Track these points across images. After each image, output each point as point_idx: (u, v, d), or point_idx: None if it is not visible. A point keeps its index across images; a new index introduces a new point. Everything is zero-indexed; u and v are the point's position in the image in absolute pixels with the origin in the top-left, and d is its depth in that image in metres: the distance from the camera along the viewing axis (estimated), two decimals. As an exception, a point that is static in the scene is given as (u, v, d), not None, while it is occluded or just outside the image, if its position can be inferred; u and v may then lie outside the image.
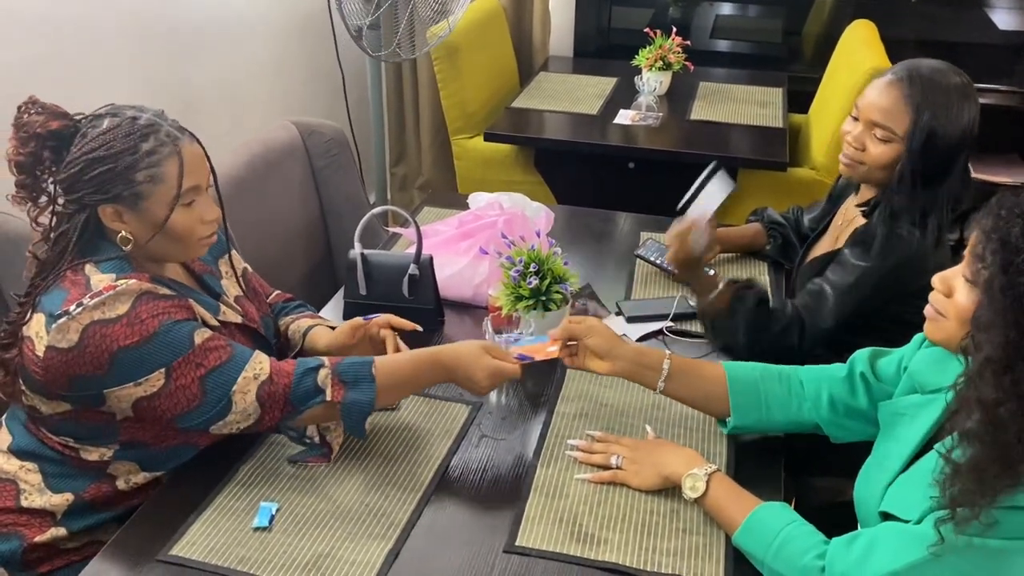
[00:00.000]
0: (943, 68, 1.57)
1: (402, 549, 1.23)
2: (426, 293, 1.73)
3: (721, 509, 1.24)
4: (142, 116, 1.26)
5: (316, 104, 3.41)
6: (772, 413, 1.38)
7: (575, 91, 3.25)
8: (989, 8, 3.69)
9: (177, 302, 1.27)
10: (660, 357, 1.39)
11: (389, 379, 1.33)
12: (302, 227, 2.25)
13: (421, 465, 1.39)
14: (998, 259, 0.98)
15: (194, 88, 2.68)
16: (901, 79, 1.55)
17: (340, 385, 1.30)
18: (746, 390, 1.38)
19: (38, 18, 2.09)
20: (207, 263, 1.48)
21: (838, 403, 1.36)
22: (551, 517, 1.29)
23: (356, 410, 1.31)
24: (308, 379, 1.30)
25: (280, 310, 1.66)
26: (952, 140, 1.53)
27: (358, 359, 1.34)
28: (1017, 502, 0.97)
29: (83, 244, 1.27)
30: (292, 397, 1.29)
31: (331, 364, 1.32)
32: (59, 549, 1.32)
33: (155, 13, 2.47)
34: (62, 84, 2.17)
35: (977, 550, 0.98)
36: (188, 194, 1.28)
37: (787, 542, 1.15)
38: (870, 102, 1.59)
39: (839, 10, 3.75)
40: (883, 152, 1.58)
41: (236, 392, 1.26)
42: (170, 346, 1.23)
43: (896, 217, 1.57)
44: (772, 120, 2.99)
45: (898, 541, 1.05)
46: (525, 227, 1.86)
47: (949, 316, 1.07)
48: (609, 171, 2.91)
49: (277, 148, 2.18)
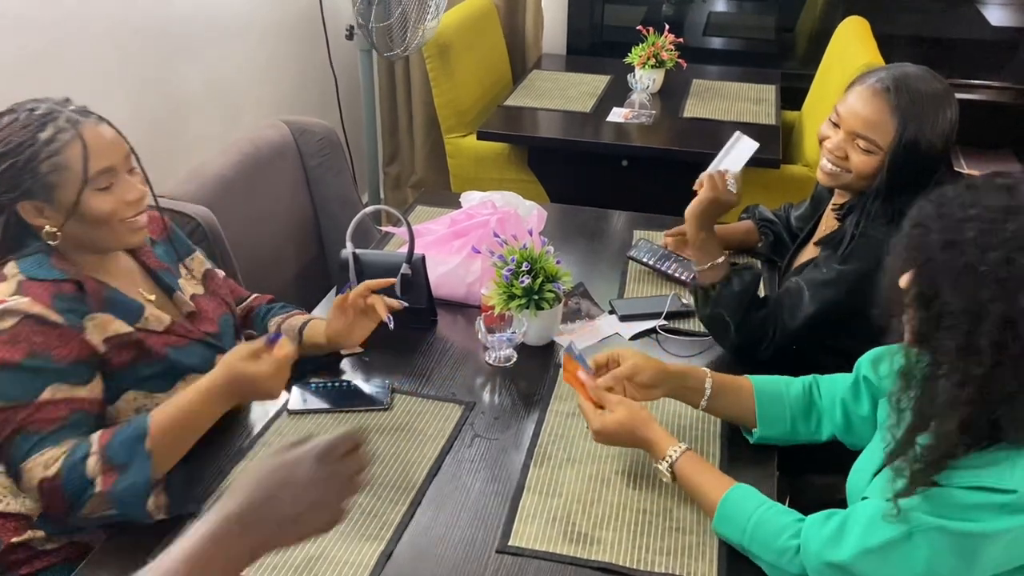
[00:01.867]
0: (925, 76, 1.53)
1: (395, 550, 1.22)
2: (419, 292, 1.73)
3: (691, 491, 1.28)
4: (40, 106, 1.24)
5: (308, 103, 3.40)
6: (796, 425, 1.40)
7: (568, 89, 3.25)
8: (981, 4, 3.70)
9: (61, 333, 1.23)
10: (702, 377, 1.39)
11: (168, 436, 1.24)
12: (294, 227, 2.24)
13: (414, 465, 1.38)
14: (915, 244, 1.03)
15: (185, 87, 2.66)
16: (887, 89, 1.51)
17: (111, 471, 1.20)
18: (772, 403, 1.40)
19: (28, 18, 2.08)
20: (164, 259, 1.47)
21: (849, 412, 1.38)
22: (544, 517, 1.28)
23: (130, 495, 1.20)
24: (76, 472, 1.19)
25: (266, 312, 1.65)
26: (935, 148, 1.51)
27: (130, 429, 1.23)
28: (983, 482, 0.99)
29: (9, 242, 1.26)
30: (66, 494, 1.19)
31: (101, 444, 1.22)
32: (38, 551, 1.31)
33: (146, 12, 2.45)
34: (52, 84, 2.16)
35: (947, 531, 1.00)
36: (101, 177, 1.25)
37: (761, 524, 1.17)
38: (854, 112, 1.55)
39: (832, 6, 3.75)
40: (865, 162, 1.55)
41: (24, 469, 1.21)
42: (13, 386, 1.20)
43: (869, 220, 1.56)
44: (765, 117, 2.99)
45: (871, 519, 1.07)
46: (517, 226, 1.86)
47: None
48: (602, 169, 2.91)
49: (268, 147, 2.17)
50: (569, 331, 1.74)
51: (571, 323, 1.77)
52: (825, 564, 1.09)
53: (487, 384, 1.60)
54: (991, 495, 0.98)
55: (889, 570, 1.05)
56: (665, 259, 1.94)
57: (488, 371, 1.63)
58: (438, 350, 1.69)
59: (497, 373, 1.62)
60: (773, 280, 1.95)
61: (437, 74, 3.07)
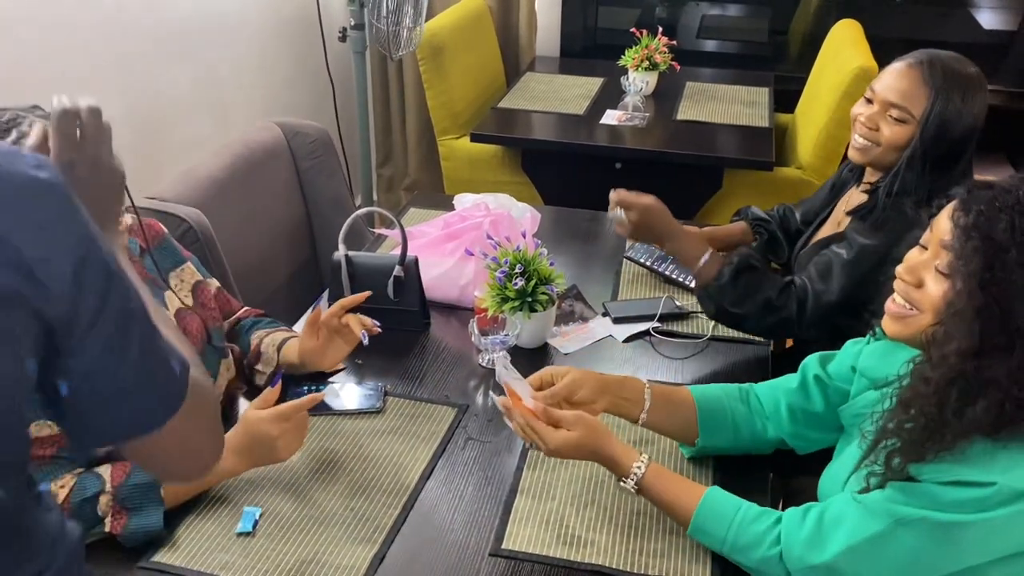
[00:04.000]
0: (960, 58, 1.59)
1: (387, 553, 1.22)
2: (412, 295, 1.72)
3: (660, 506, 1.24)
4: (5, 113, 1.19)
5: (301, 105, 3.39)
6: (740, 433, 1.36)
7: (561, 91, 3.25)
8: (974, 8, 3.71)
9: None
10: (640, 388, 1.34)
11: (181, 489, 1.25)
12: (286, 229, 2.23)
13: (406, 468, 1.37)
14: (980, 256, 0.98)
15: (178, 88, 2.66)
16: (921, 62, 1.57)
17: (122, 512, 1.20)
18: (713, 410, 1.35)
19: (21, 18, 2.07)
20: (152, 269, 1.41)
21: (797, 412, 1.36)
22: (537, 520, 1.28)
23: (141, 534, 1.20)
24: (86, 509, 1.19)
25: (252, 325, 1.62)
26: (964, 127, 1.54)
27: (146, 476, 1.22)
28: (962, 476, 0.99)
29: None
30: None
31: (114, 486, 1.21)
32: None
33: (139, 13, 2.45)
34: (46, 85, 2.15)
35: (930, 521, 1.01)
36: None
37: (739, 536, 1.15)
38: (887, 84, 1.60)
39: (825, 10, 3.76)
40: (897, 133, 1.58)
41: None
42: None
43: (901, 196, 1.57)
44: (758, 120, 3.00)
45: (851, 517, 1.07)
46: (511, 228, 1.85)
47: (924, 309, 1.07)
48: (596, 171, 2.90)
49: (261, 149, 2.16)
50: (562, 333, 1.74)
51: (565, 325, 1.77)
52: (809, 568, 1.09)
53: (480, 387, 1.59)
54: (971, 489, 0.99)
55: (873, 564, 1.06)
56: (662, 260, 1.94)
57: (481, 374, 1.62)
58: (431, 353, 1.68)
59: (490, 375, 1.62)
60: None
61: (430, 76, 3.07)
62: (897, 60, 1.62)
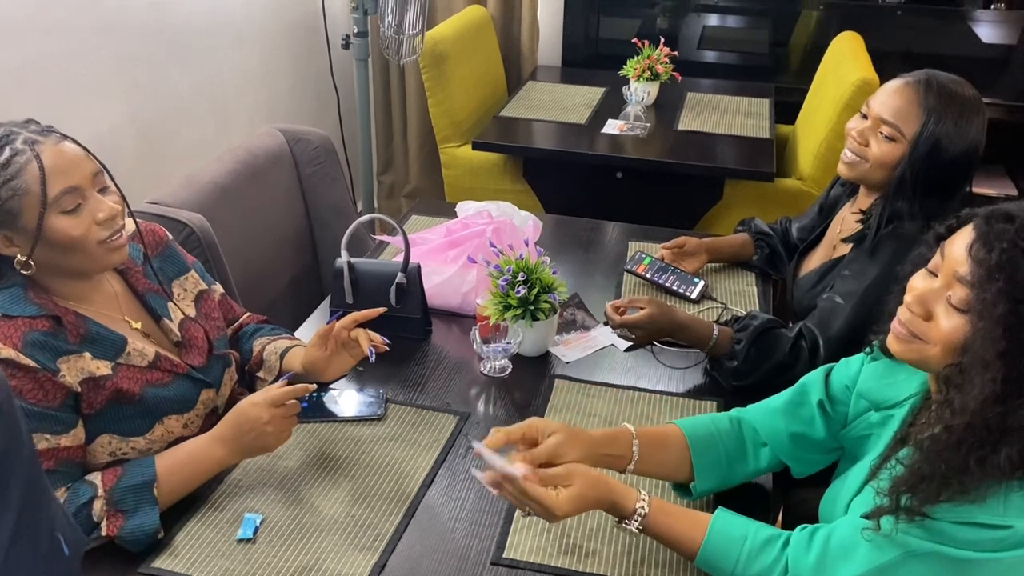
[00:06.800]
0: (960, 80, 1.57)
1: (388, 561, 1.21)
2: (414, 302, 1.72)
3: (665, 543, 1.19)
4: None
5: (305, 112, 3.40)
6: (733, 467, 1.32)
7: (563, 101, 3.25)
8: (973, 21, 3.73)
9: (34, 378, 1.17)
10: (628, 439, 1.26)
11: (175, 479, 1.25)
12: (288, 235, 2.24)
13: (408, 476, 1.37)
14: (1006, 300, 0.94)
15: (181, 94, 2.66)
16: (918, 82, 1.55)
17: (117, 515, 1.20)
18: (707, 448, 1.30)
19: (24, 23, 2.08)
20: (154, 279, 1.41)
21: (798, 437, 1.32)
22: (539, 528, 1.28)
23: (138, 534, 1.20)
24: (82, 514, 1.19)
25: (254, 331, 1.61)
26: (957, 152, 1.51)
27: (136, 474, 1.23)
28: (977, 519, 0.97)
29: None
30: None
31: (106, 489, 1.21)
32: None
33: (143, 18, 2.45)
34: (48, 90, 2.16)
35: (943, 556, 0.99)
36: (65, 198, 1.18)
37: (747, 569, 1.12)
38: (882, 100, 1.59)
39: (825, 22, 3.78)
40: (886, 151, 1.57)
41: None
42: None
43: (895, 219, 1.56)
44: (759, 131, 3.00)
45: (861, 546, 1.05)
46: (513, 236, 1.86)
47: (932, 342, 1.03)
48: (597, 181, 2.91)
49: (264, 155, 2.16)
50: (564, 342, 1.74)
51: (566, 334, 1.77)
52: None
53: (482, 394, 1.59)
54: (987, 531, 0.97)
55: None
56: (662, 272, 1.94)
57: (483, 381, 1.62)
58: (433, 360, 1.68)
59: (492, 383, 1.62)
60: (766, 292, 1.96)
61: (432, 84, 3.08)
62: (897, 77, 1.61)
